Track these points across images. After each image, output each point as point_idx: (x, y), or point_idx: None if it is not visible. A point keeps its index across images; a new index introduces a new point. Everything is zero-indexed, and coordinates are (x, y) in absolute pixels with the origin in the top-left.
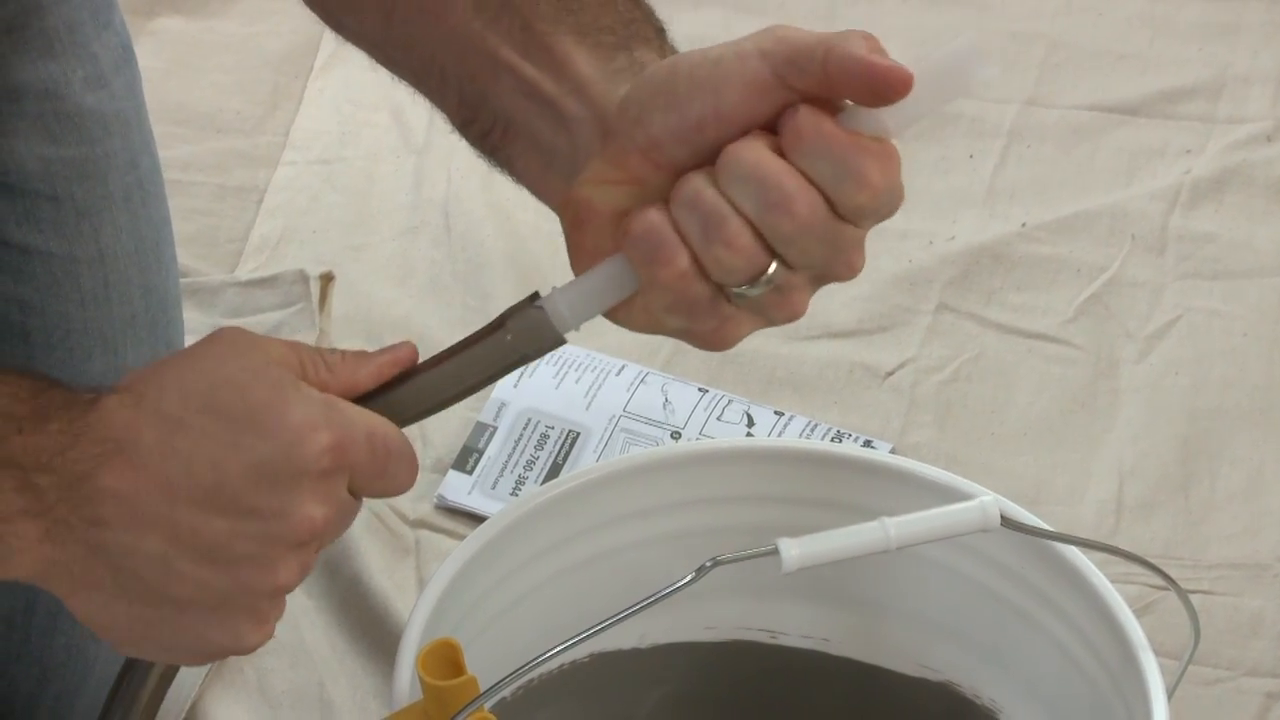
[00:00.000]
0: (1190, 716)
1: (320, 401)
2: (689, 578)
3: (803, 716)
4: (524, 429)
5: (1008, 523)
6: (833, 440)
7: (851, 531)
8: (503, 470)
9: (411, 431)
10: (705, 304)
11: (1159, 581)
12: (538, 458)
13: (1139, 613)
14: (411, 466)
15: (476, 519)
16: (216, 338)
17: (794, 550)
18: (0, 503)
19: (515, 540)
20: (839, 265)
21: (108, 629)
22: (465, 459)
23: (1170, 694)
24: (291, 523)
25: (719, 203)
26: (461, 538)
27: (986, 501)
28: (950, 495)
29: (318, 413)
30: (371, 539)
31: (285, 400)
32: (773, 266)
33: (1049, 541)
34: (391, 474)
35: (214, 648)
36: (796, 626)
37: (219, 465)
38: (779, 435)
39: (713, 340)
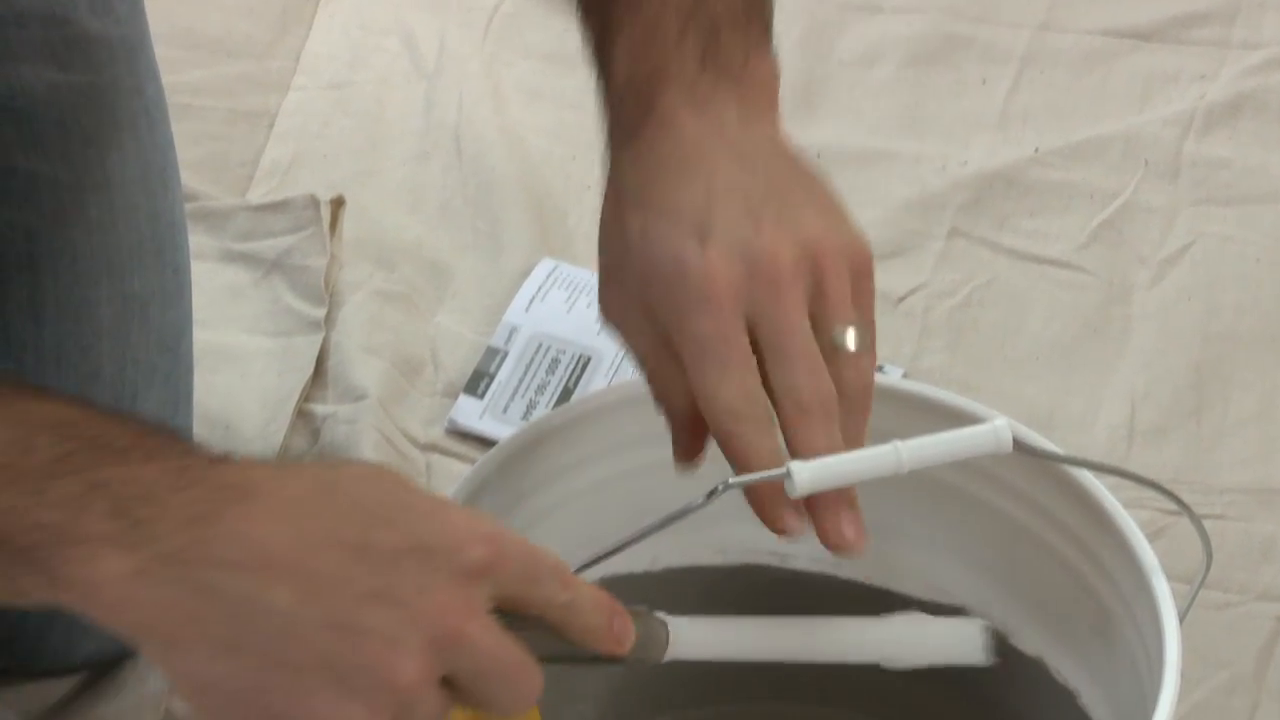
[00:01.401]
0: (1201, 640)
1: (477, 511)
2: (701, 501)
3: None
4: (535, 353)
5: (1020, 446)
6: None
7: (863, 455)
8: (514, 394)
9: (422, 356)
10: None
11: (1171, 506)
12: (549, 382)
13: (1151, 537)
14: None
15: (487, 443)
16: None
17: (805, 473)
18: (82, 525)
19: (526, 464)
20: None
21: (206, 691)
22: (476, 383)
23: (1182, 617)
24: (432, 607)
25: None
26: (472, 462)
27: (999, 425)
28: (963, 420)
29: (475, 514)
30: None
31: (442, 497)
32: None
33: (1061, 466)
34: (540, 597)
35: (312, 705)
36: (806, 550)
37: (369, 531)
38: None
39: None
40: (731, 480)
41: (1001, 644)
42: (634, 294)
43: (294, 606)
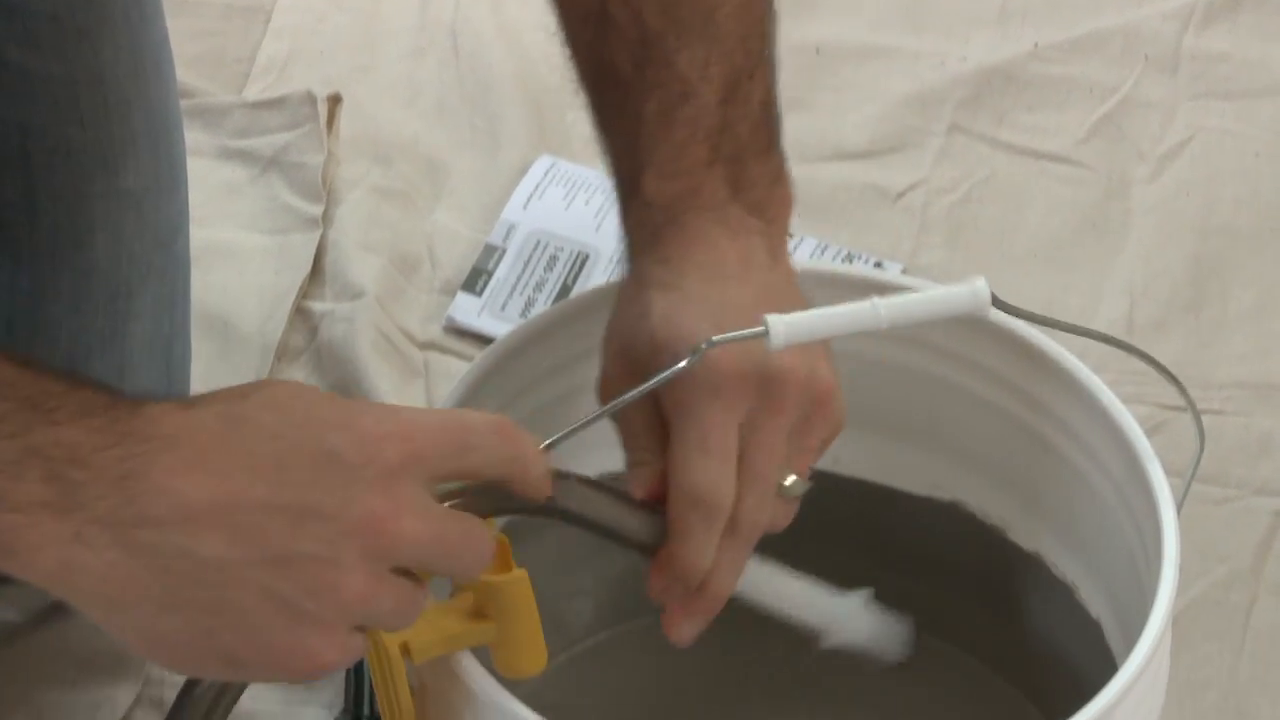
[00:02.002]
0: (1199, 534)
1: (389, 407)
2: (685, 361)
3: (812, 536)
4: (533, 251)
5: (999, 304)
6: (843, 262)
7: (842, 310)
8: (512, 292)
9: (420, 253)
10: None
11: (1168, 401)
12: (547, 279)
13: (1148, 432)
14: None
15: (485, 340)
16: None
17: (781, 327)
18: (19, 492)
19: (524, 361)
20: None
21: (158, 644)
22: (474, 281)
23: (1179, 506)
24: (357, 517)
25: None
26: (470, 359)
27: (978, 285)
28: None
29: (386, 411)
30: (381, 361)
31: (351, 404)
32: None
33: (1057, 358)
34: (473, 466)
35: (281, 661)
36: None
37: (283, 459)
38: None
39: None
40: (715, 338)
41: (999, 539)
42: (641, 371)
43: (225, 552)
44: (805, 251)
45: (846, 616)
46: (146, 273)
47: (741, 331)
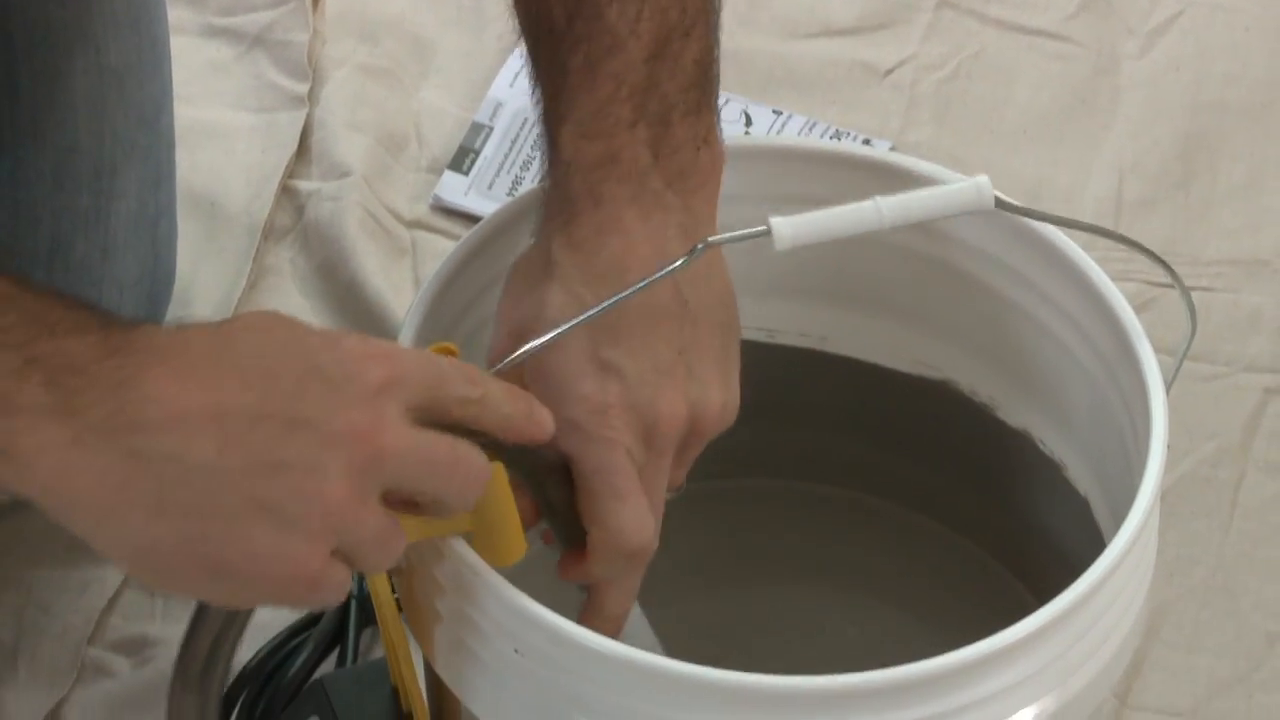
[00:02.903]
0: (1189, 411)
1: (368, 335)
2: (680, 261)
3: (800, 414)
4: (520, 129)
5: (1001, 204)
6: (831, 139)
7: (844, 210)
8: (499, 170)
9: (407, 131)
10: None
11: (1158, 279)
12: (534, 157)
13: (1137, 309)
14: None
15: (472, 219)
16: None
17: (786, 229)
18: (23, 397)
19: (511, 239)
20: None
21: (145, 555)
22: (461, 159)
23: (1169, 386)
24: (342, 427)
25: None
26: (458, 238)
27: (981, 181)
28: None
29: (367, 337)
30: (368, 240)
31: (333, 329)
32: None
33: (1046, 236)
34: (450, 398)
35: (264, 570)
36: (794, 325)
37: (271, 372)
38: (777, 134)
39: None
40: (711, 239)
41: (988, 418)
42: (528, 369)
43: (214, 457)
44: (794, 128)
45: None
46: (130, 151)
47: (743, 231)
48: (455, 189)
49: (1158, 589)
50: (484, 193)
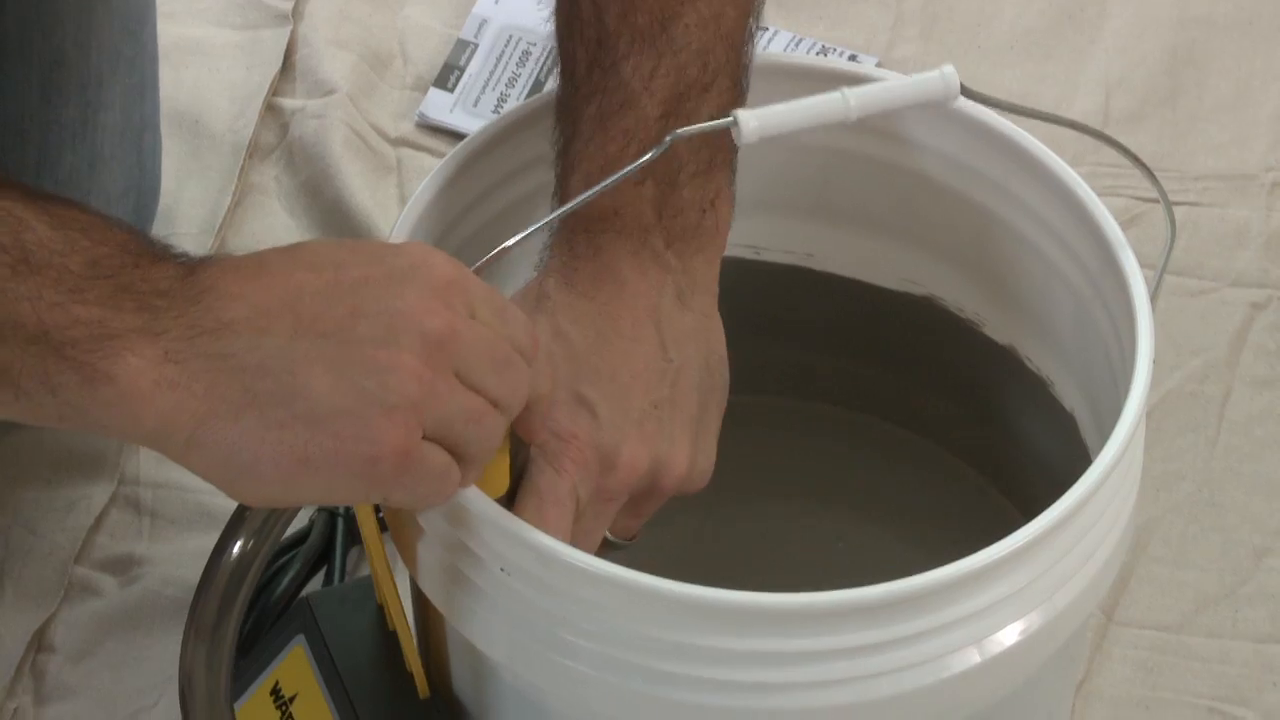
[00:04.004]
0: (1175, 327)
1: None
2: (651, 153)
3: (786, 331)
4: (505, 46)
5: (968, 93)
6: (818, 55)
7: (810, 101)
8: (484, 87)
9: (391, 49)
10: None
11: (1144, 194)
12: (520, 75)
13: (1124, 225)
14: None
15: (458, 136)
16: None
17: (752, 121)
18: (118, 322)
19: (496, 156)
20: None
21: (235, 457)
22: (446, 77)
23: (1153, 295)
24: (411, 306)
25: None
26: (443, 156)
27: (947, 71)
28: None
29: (432, 248)
30: (353, 157)
31: (396, 243)
32: None
33: (1030, 150)
34: (503, 330)
35: (350, 448)
36: (779, 242)
37: (341, 263)
38: (763, 50)
39: None
40: (680, 130)
41: (974, 334)
42: None
43: (290, 340)
44: (780, 44)
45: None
46: (116, 62)
47: (709, 123)
48: (440, 106)
49: (1144, 505)
50: (469, 110)
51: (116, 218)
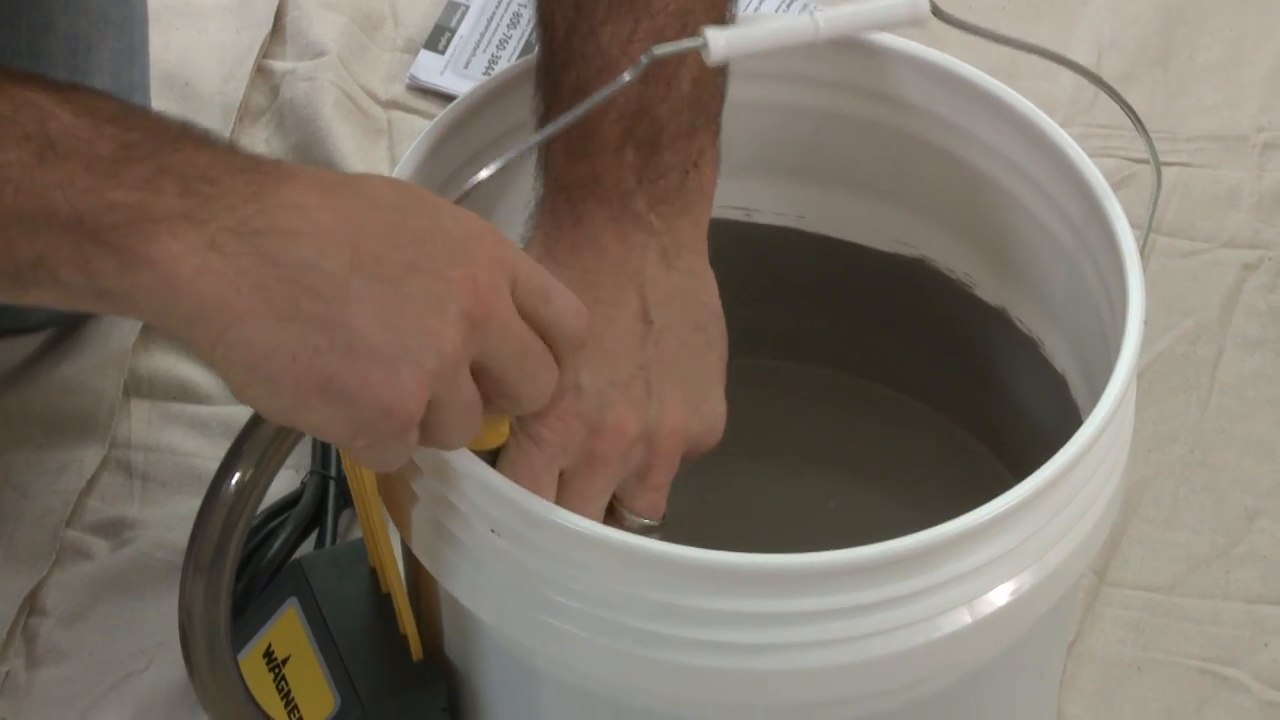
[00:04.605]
0: (1167, 288)
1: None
2: (628, 73)
3: (777, 293)
4: (497, 7)
5: (939, 14)
6: (802, 10)
7: (780, 23)
8: (475, 49)
9: (382, 10)
10: None
11: (1135, 154)
12: (511, 36)
13: (1116, 185)
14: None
15: (449, 99)
16: None
17: (721, 40)
18: (159, 206)
19: (487, 117)
20: None
21: (263, 362)
22: (437, 38)
23: (1142, 250)
24: (463, 277)
25: None
26: (434, 118)
27: None
28: (927, 69)
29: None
30: (344, 120)
31: (456, 207)
32: None
33: (1021, 110)
34: (550, 313)
35: (371, 395)
36: (770, 204)
37: (404, 209)
38: (754, 9)
39: None
40: (656, 50)
41: (965, 295)
42: None
43: (346, 272)
44: (771, 5)
45: None
46: (105, 27)
47: (682, 43)
48: (431, 68)
49: (1136, 466)
50: (460, 72)
51: (147, 107)
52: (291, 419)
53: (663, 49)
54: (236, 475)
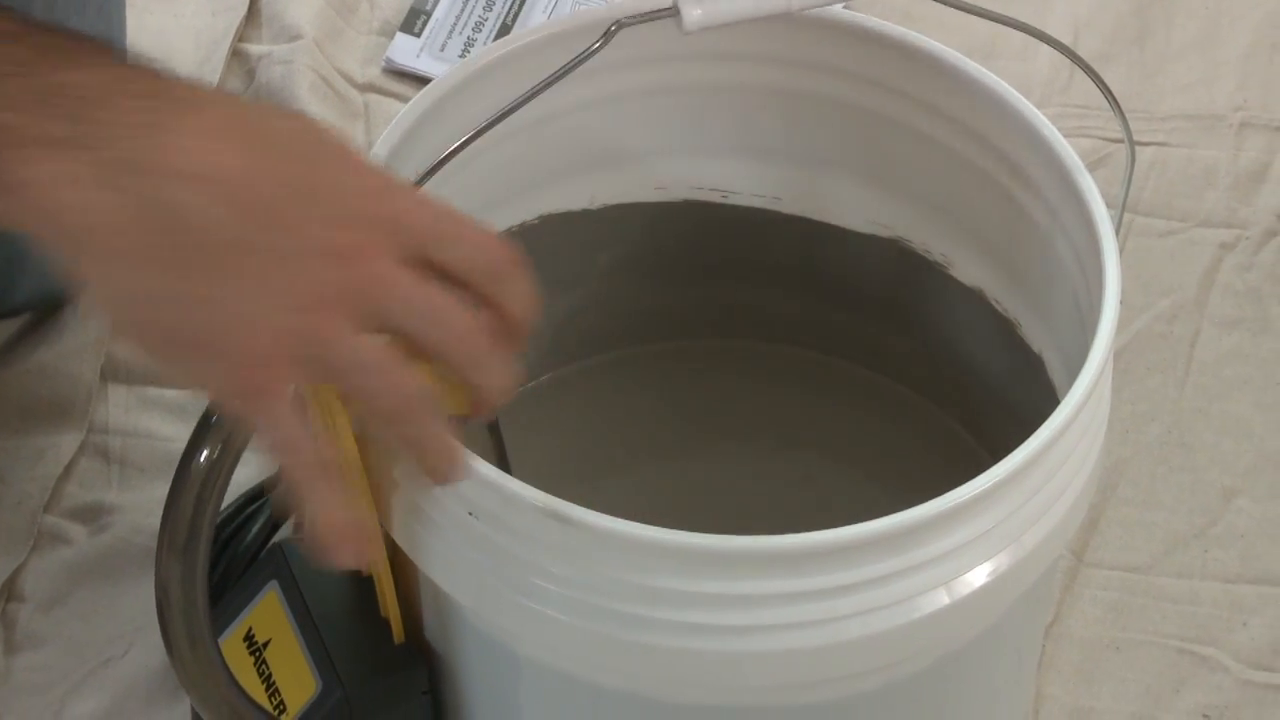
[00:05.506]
0: (1143, 268)
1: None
2: (597, 43)
3: (754, 275)
4: None
5: None
6: None
7: None
8: (451, 32)
9: None
10: None
11: (1112, 135)
12: (486, 19)
13: (1092, 166)
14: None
15: (425, 81)
16: None
17: (695, 10)
18: (38, 126)
19: (463, 101)
20: None
21: (135, 304)
22: (413, 21)
23: (1117, 227)
24: (351, 243)
25: None
26: (410, 101)
27: None
28: (903, 50)
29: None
30: (320, 103)
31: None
32: None
33: (997, 90)
34: (459, 257)
35: (229, 346)
36: (747, 186)
37: (312, 161)
38: None
39: None
40: (624, 19)
41: (941, 275)
42: None
43: (228, 220)
44: None
45: None
46: (83, 9)
47: (650, 10)
48: (407, 51)
49: (1114, 446)
50: (436, 55)
51: (56, 24)
52: (163, 369)
53: (632, 19)
54: (205, 452)
